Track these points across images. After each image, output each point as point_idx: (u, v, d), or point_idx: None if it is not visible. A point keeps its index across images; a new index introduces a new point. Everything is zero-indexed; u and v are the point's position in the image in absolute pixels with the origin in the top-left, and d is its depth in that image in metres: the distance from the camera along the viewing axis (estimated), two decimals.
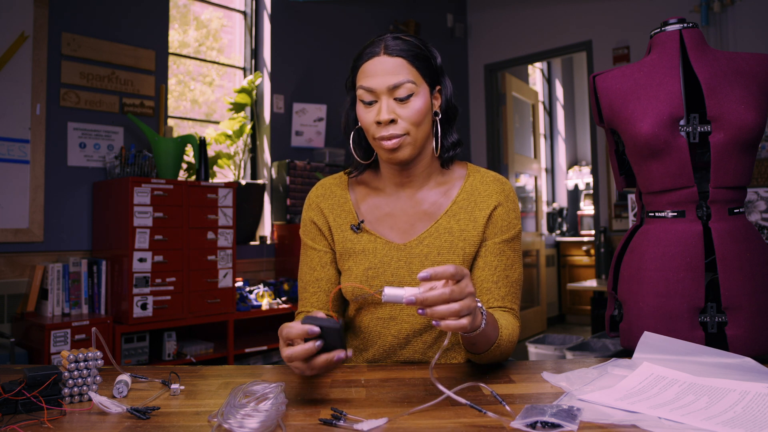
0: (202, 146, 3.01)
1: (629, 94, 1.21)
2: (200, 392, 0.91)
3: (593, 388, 0.85)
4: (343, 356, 0.82)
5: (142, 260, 2.63)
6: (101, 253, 2.85)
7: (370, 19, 4.54)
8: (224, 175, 3.62)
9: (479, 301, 0.89)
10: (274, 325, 3.42)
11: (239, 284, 3.26)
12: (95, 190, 2.93)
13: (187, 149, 3.10)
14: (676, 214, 1.18)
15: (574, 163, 7.27)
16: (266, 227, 3.79)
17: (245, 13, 3.93)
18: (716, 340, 1.14)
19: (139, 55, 3.14)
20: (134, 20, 3.16)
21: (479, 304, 0.88)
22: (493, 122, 5.20)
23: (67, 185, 2.87)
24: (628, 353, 1.07)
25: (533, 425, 0.70)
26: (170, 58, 3.42)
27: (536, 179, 5.81)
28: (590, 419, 0.73)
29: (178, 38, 3.65)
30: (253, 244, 3.61)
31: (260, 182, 3.63)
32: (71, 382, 0.84)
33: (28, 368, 0.80)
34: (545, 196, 6.83)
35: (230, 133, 3.49)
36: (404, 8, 4.84)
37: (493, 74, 5.25)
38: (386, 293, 0.80)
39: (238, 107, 3.65)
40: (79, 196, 2.91)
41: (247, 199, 3.50)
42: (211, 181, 3.09)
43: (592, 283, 4.04)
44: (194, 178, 3.19)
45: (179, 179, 2.84)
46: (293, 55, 3.95)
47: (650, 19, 4.15)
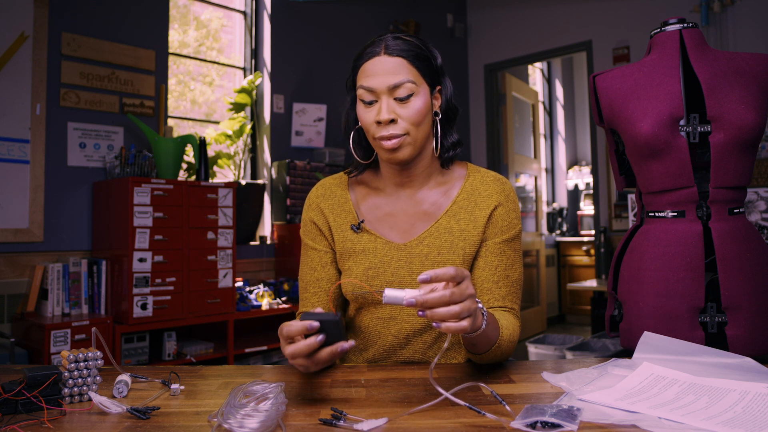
0: (202, 146, 3.01)
1: (629, 94, 1.21)
2: (200, 392, 0.91)
3: (593, 388, 0.85)
4: (346, 347, 0.83)
5: (142, 260, 2.63)
6: (101, 253, 2.85)
7: (370, 19, 4.54)
8: (224, 175, 3.62)
9: (480, 301, 0.89)
10: (274, 325, 3.42)
11: (239, 284, 3.26)
12: (95, 190, 2.93)
13: (187, 149, 3.10)
14: (676, 214, 1.18)
15: (574, 163, 7.27)
16: (266, 227, 3.79)
17: (245, 13, 3.93)
18: (716, 340, 1.14)
19: (139, 55, 3.14)
20: (134, 20, 3.16)
21: (480, 304, 0.88)
22: (493, 122, 5.20)
23: (67, 185, 2.87)
24: (628, 353, 1.07)
25: (533, 425, 0.70)
26: (170, 58, 3.42)
27: (536, 179, 5.81)
28: (590, 419, 0.73)
29: (178, 38, 3.65)
30: (253, 244, 3.61)
31: (260, 182, 3.63)
32: (71, 382, 0.84)
33: (28, 368, 0.80)
34: (545, 196, 6.83)
35: (230, 133, 3.49)
36: (404, 8, 4.84)
37: (493, 74, 5.25)
38: (386, 294, 0.80)
39: (238, 107, 3.65)
40: (79, 196, 2.91)
41: (247, 199, 3.50)
42: (211, 181, 3.09)
43: (592, 283, 4.04)
44: (194, 178, 3.19)
45: (179, 179, 2.84)
46: (293, 55, 3.95)
47: (650, 19, 4.15)
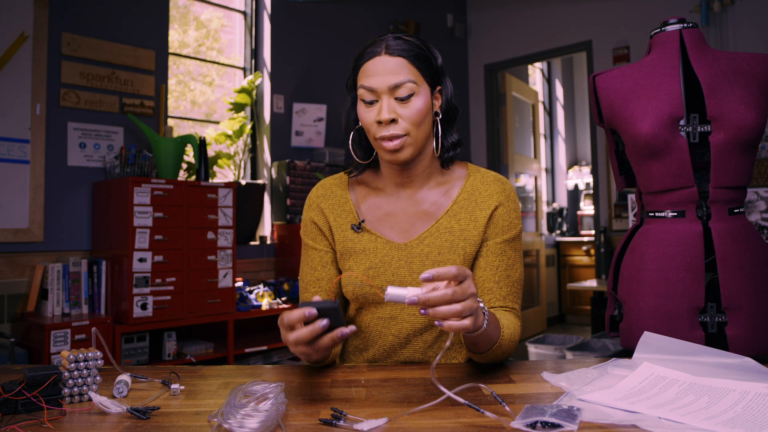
0: (202, 146, 3.01)
1: (629, 94, 1.21)
2: (200, 392, 0.91)
3: (593, 388, 0.85)
4: (346, 331, 0.83)
5: (142, 260, 2.63)
6: (101, 253, 2.85)
7: (370, 19, 4.54)
8: (224, 175, 3.62)
9: (481, 301, 0.89)
10: (274, 325, 3.42)
11: (239, 284, 3.26)
12: (95, 190, 2.93)
13: (187, 149, 3.10)
14: (676, 214, 1.18)
15: (574, 163, 7.27)
16: (266, 227, 3.79)
17: (245, 13, 3.93)
18: (716, 340, 1.14)
19: (139, 55, 3.14)
20: (134, 20, 3.16)
21: (481, 304, 0.88)
22: (493, 122, 5.20)
23: (67, 185, 2.87)
24: (628, 353, 1.07)
25: (533, 425, 0.70)
26: (170, 58, 3.42)
27: (536, 179, 5.81)
28: (590, 419, 0.73)
29: (178, 38, 3.65)
30: (253, 244, 3.61)
31: (260, 182, 3.63)
32: (71, 382, 0.84)
33: (28, 368, 0.80)
34: (545, 196, 6.83)
35: (230, 133, 3.49)
36: (404, 8, 4.84)
37: (493, 74, 5.25)
38: (389, 293, 0.80)
39: (238, 107, 3.65)
40: (79, 196, 2.91)
41: (247, 199, 3.50)
42: (211, 181, 3.09)
43: (592, 283, 4.04)
44: (194, 178, 3.19)
45: (179, 179, 2.84)
46: (293, 55, 3.95)
47: (650, 19, 4.15)
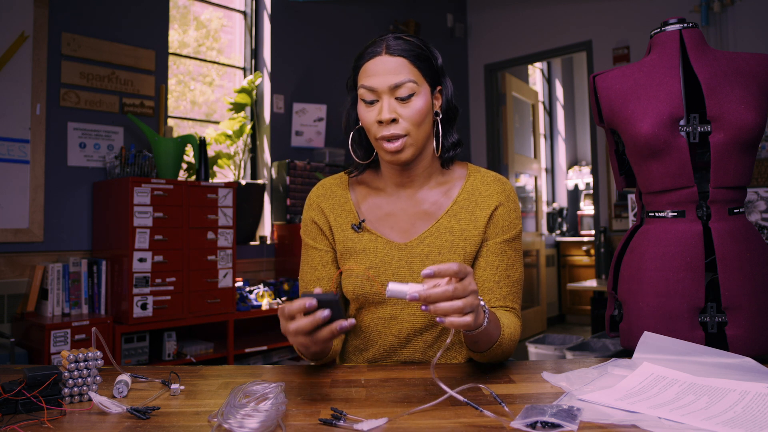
0: (202, 146, 3.01)
1: (629, 94, 1.21)
2: (200, 392, 0.91)
3: (593, 388, 0.85)
4: (345, 324, 0.84)
5: (142, 260, 2.63)
6: (101, 253, 2.85)
7: (370, 19, 4.54)
8: (224, 175, 3.62)
9: (482, 299, 0.89)
10: (274, 325, 3.42)
11: (239, 284, 3.26)
12: (95, 190, 2.93)
13: (187, 149, 3.10)
14: (676, 214, 1.18)
15: (574, 163, 7.27)
16: (266, 227, 3.79)
17: (245, 13, 3.93)
18: (716, 340, 1.14)
19: (139, 55, 3.14)
20: (134, 20, 3.16)
21: (482, 302, 0.88)
22: (493, 122, 5.20)
23: (67, 185, 2.87)
24: (628, 353, 1.07)
25: (533, 425, 0.70)
26: (170, 58, 3.42)
27: (536, 179, 5.81)
28: (590, 419, 0.73)
29: (178, 38, 3.65)
30: (253, 244, 3.61)
31: (260, 182, 3.63)
32: (71, 382, 0.84)
33: (28, 368, 0.80)
34: (545, 196, 6.83)
35: (230, 133, 3.49)
36: (404, 8, 4.84)
37: (493, 74, 5.25)
38: (390, 288, 0.81)
39: (238, 107, 3.65)
40: (79, 196, 2.91)
41: (247, 199, 3.50)
42: (211, 181, 3.08)
43: (592, 283, 4.04)
44: (194, 178, 3.19)
45: (179, 179, 2.84)
46: (293, 55, 3.95)
47: (650, 19, 4.15)
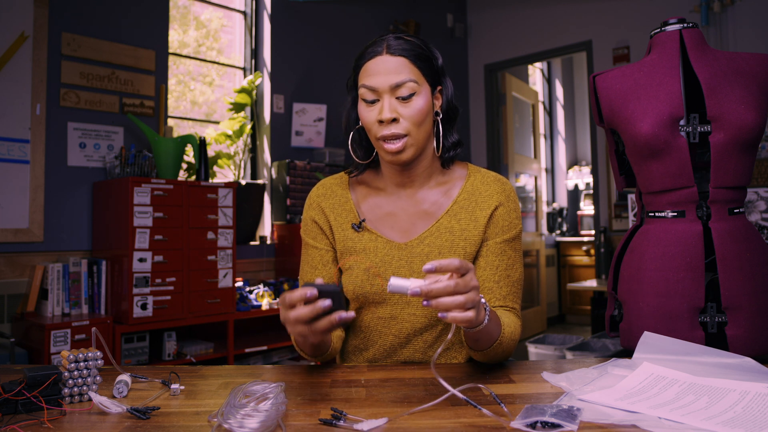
0: (202, 146, 3.01)
1: (629, 94, 1.21)
2: (200, 392, 0.91)
3: (593, 388, 0.85)
4: (344, 316, 0.84)
5: (142, 260, 2.63)
6: (101, 253, 2.85)
7: (370, 19, 4.54)
8: (224, 175, 3.62)
9: (482, 296, 0.89)
10: (274, 325, 3.42)
11: (239, 284, 3.26)
12: (95, 190, 2.93)
13: (187, 149, 3.10)
14: (676, 214, 1.18)
15: (574, 163, 7.27)
16: (266, 227, 3.79)
17: (245, 13, 3.93)
18: (716, 340, 1.14)
19: (139, 55, 3.14)
20: (134, 20, 3.16)
21: (482, 299, 0.89)
22: (493, 122, 5.20)
23: (67, 185, 2.87)
24: (628, 353, 1.07)
25: (533, 425, 0.70)
26: (170, 58, 3.42)
27: (536, 179, 5.81)
28: (590, 419, 0.73)
29: (178, 38, 3.65)
30: (253, 244, 3.61)
31: (260, 182, 3.63)
32: (71, 382, 0.84)
33: (28, 368, 0.80)
34: (545, 196, 6.83)
35: (230, 133, 3.49)
36: (404, 8, 4.84)
37: (493, 74, 5.25)
38: (392, 283, 0.81)
39: (238, 107, 3.64)
40: (79, 196, 2.91)
41: (247, 199, 3.50)
42: (211, 181, 3.08)
43: (592, 283, 4.04)
44: (194, 178, 3.19)
45: (179, 179, 2.84)
46: (293, 55, 3.95)
47: (650, 19, 4.15)
